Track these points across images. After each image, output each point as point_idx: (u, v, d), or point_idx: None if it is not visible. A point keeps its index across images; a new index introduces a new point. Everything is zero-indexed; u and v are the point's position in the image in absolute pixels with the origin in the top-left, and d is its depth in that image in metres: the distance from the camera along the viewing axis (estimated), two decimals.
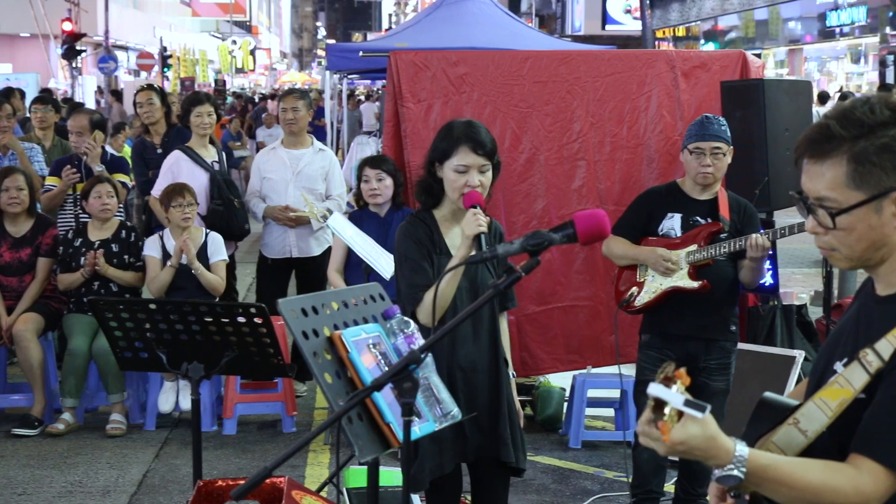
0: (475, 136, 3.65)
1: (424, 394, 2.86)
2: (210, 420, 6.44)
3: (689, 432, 1.87)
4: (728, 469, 1.91)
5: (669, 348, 4.74)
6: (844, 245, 2.07)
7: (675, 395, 1.84)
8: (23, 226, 6.62)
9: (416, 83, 6.40)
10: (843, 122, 2.03)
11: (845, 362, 2.05)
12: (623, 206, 5.97)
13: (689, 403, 1.84)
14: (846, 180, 2.02)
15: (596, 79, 6.51)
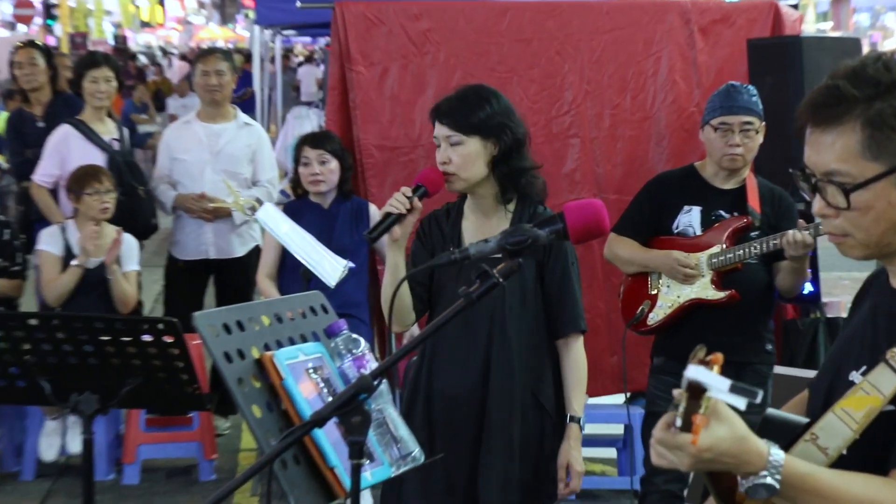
0: (441, 102, 3.81)
1: (378, 430, 2.86)
2: (106, 466, 6.41)
3: (717, 434, 1.90)
4: (761, 477, 1.95)
5: None
6: (860, 228, 2.11)
7: (719, 379, 1.84)
8: None
9: (367, 41, 6.40)
10: (855, 82, 2.08)
11: (864, 370, 2.10)
12: (625, 194, 6.02)
13: (737, 389, 1.84)
14: (861, 149, 2.07)
15: (592, 36, 6.55)
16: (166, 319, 3.67)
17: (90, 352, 3.68)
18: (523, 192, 3.87)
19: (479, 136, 3.79)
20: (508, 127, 3.80)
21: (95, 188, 6.39)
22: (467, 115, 3.79)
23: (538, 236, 2.57)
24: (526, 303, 3.87)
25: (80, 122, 7.04)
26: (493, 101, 3.84)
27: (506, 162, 3.82)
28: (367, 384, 2.52)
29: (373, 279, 6.42)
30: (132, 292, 6.44)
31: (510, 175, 3.83)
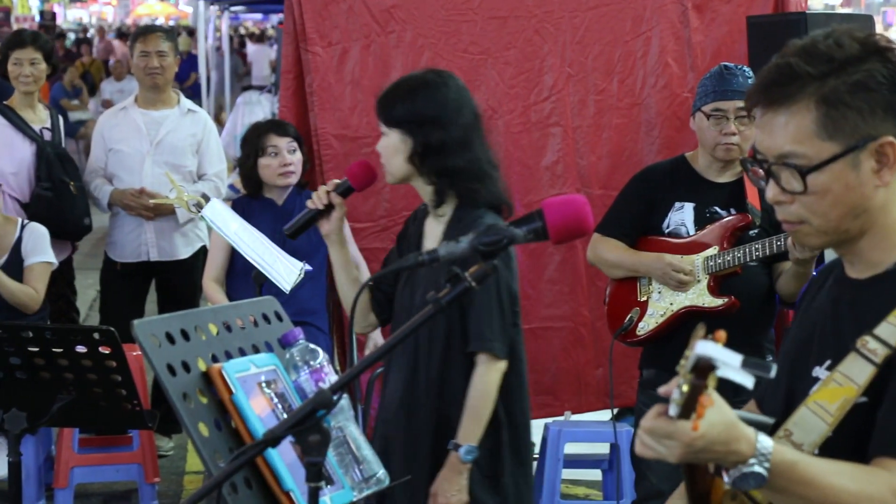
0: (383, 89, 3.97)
1: (338, 450, 2.88)
2: (35, 492, 6.38)
3: (710, 419, 1.97)
4: (749, 465, 2.02)
5: None
6: (817, 213, 2.21)
7: (730, 354, 1.90)
8: None
9: (325, 19, 6.42)
10: (808, 59, 2.18)
11: (829, 364, 2.19)
12: (612, 189, 6.05)
13: (750, 364, 1.91)
14: (816, 129, 2.17)
15: (575, 13, 6.57)
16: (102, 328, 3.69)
17: (17, 364, 3.69)
18: (460, 195, 3.89)
19: (399, 130, 3.85)
20: (436, 123, 3.83)
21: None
22: (390, 107, 3.88)
23: (514, 236, 2.59)
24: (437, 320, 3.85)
25: (7, 108, 7.00)
26: (422, 94, 3.88)
27: (432, 160, 3.85)
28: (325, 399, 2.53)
29: (331, 284, 6.42)
30: (25, 292, 6.25)
31: (439, 175, 3.86)
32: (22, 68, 6.98)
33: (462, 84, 4.00)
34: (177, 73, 7.56)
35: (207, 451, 2.78)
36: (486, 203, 3.90)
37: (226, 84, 16.92)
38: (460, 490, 3.86)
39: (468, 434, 3.86)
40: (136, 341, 2.80)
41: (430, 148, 3.83)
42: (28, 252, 6.37)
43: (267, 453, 2.74)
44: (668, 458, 1.98)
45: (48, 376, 3.69)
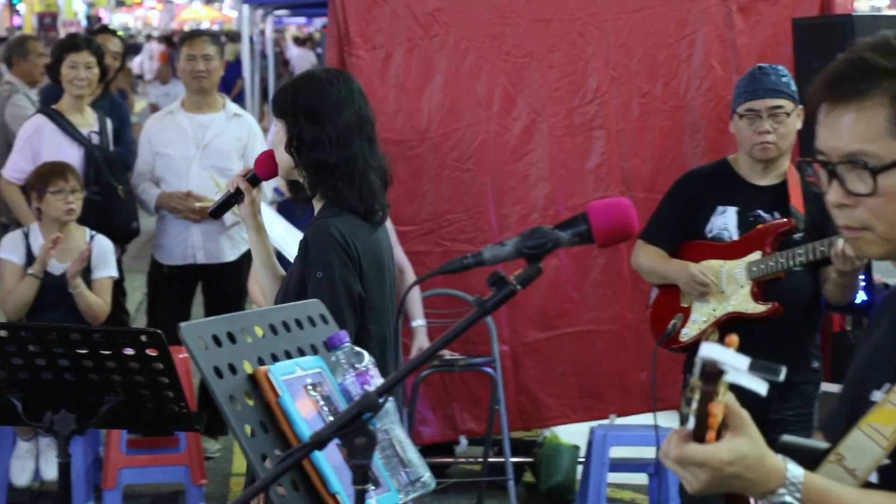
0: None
1: (384, 453, 2.88)
2: (84, 493, 6.43)
3: (742, 448, 1.90)
4: (779, 496, 1.95)
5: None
6: (883, 219, 2.07)
7: (737, 357, 1.80)
8: None
9: (369, 23, 6.44)
10: (884, 53, 2.05)
11: (888, 388, 2.08)
12: (656, 192, 6.04)
13: (758, 367, 1.82)
14: (889, 126, 2.04)
15: (619, 16, 6.56)
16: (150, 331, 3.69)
17: (66, 366, 3.70)
18: (326, 193, 3.84)
19: (282, 121, 3.87)
20: (310, 117, 3.82)
21: (60, 186, 6.32)
22: (276, 98, 3.94)
23: (559, 239, 2.58)
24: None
25: (56, 113, 7.04)
26: (303, 87, 3.88)
27: (305, 154, 3.82)
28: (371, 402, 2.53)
29: None
30: (101, 304, 6.39)
31: (309, 169, 3.83)
32: (77, 72, 7.00)
33: (356, 87, 3.95)
34: (223, 79, 7.59)
35: (254, 453, 2.79)
36: (351, 206, 3.84)
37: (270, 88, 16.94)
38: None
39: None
40: (183, 344, 2.81)
41: (302, 141, 3.82)
42: (96, 265, 6.46)
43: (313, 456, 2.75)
44: (693, 484, 1.89)
45: (96, 378, 3.71)
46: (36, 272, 6.27)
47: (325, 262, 3.77)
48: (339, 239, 3.78)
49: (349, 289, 3.79)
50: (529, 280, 2.54)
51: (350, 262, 3.80)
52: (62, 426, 3.70)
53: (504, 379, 6.38)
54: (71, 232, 6.44)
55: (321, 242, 3.78)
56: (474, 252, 2.56)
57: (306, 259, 3.79)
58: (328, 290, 3.71)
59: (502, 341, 6.49)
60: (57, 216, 6.34)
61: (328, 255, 3.78)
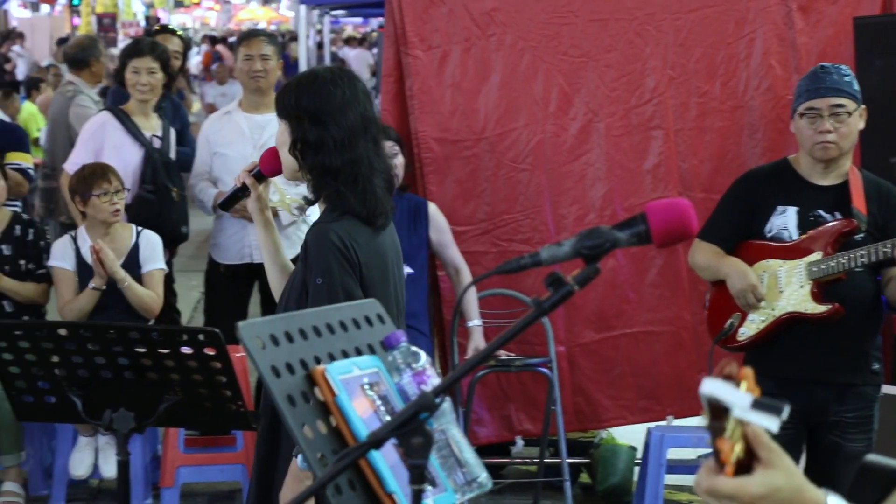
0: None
1: (441, 453, 2.89)
2: (143, 490, 6.48)
3: (775, 483, 1.83)
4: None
5: (786, 395, 4.72)
6: None
7: (739, 395, 1.76)
8: None
9: (426, 22, 6.45)
10: None
11: None
12: (714, 192, 6.00)
13: (760, 405, 1.76)
14: None
15: (677, 15, 6.54)
16: (207, 330, 3.72)
17: (125, 365, 3.74)
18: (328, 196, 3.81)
19: (286, 122, 3.81)
20: (314, 118, 3.77)
21: (104, 188, 6.35)
22: (280, 97, 3.86)
23: (617, 239, 2.57)
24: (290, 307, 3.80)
25: (122, 112, 7.10)
26: (307, 88, 3.82)
27: (310, 156, 3.77)
28: (428, 402, 2.54)
29: (433, 287, 6.45)
30: (152, 296, 6.44)
31: (314, 171, 3.78)
32: (139, 77, 7.05)
33: (361, 87, 3.89)
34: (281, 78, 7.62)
35: (311, 452, 2.80)
36: (353, 210, 3.79)
37: None
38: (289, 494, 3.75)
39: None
40: (241, 343, 2.83)
41: (307, 143, 3.77)
42: (145, 259, 6.51)
43: (370, 455, 2.75)
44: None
45: (155, 377, 3.74)
46: (97, 285, 6.32)
47: (324, 268, 3.71)
48: (339, 244, 3.72)
49: (349, 294, 3.71)
50: (587, 280, 2.53)
51: (350, 267, 3.74)
52: (121, 424, 3.74)
53: (560, 379, 6.37)
54: (118, 231, 6.48)
55: (320, 248, 3.73)
56: (531, 252, 2.55)
57: (307, 264, 3.75)
58: (327, 296, 3.67)
59: (559, 342, 6.48)
60: (104, 218, 6.38)
61: (327, 261, 3.73)
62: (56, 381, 3.82)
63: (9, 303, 6.54)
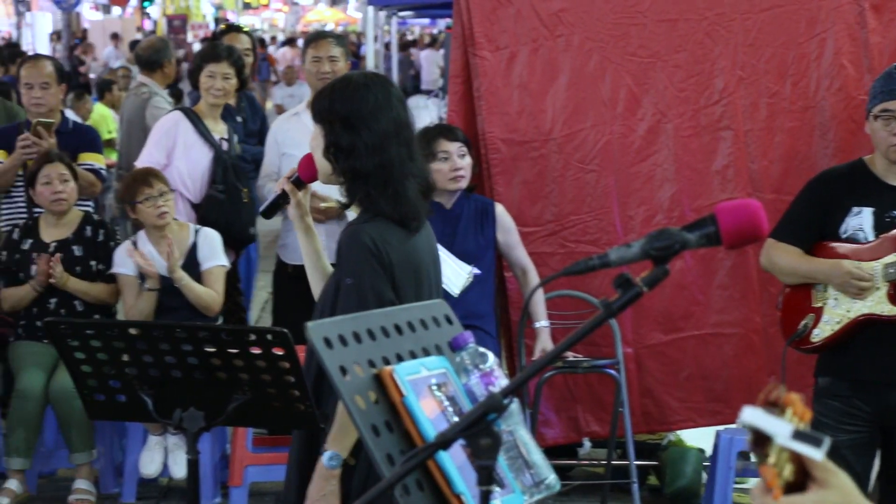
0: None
1: (508, 454, 2.89)
2: (212, 489, 6.53)
3: (826, 501, 1.80)
4: None
5: (861, 398, 4.70)
6: None
7: (780, 424, 1.75)
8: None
9: (493, 23, 6.45)
10: None
11: None
12: (784, 194, 5.96)
13: (802, 436, 1.74)
14: None
15: (747, 15, 6.50)
16: (276, 330, 3.73)
17: (195, 364, 3.76)
18: (361, 200, 3.82)
19: (320, 126, 3.82)
20: (346, 123, 3.78)
21: (147, 194, 6.42)
22: (314, 102, 3.88)
23: (687, 241, 2.56)
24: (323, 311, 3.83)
25: (193, 113, 7.17)
26: (340, 92, 3.83)
27: (342, 160, 3.79)
28: (496, 403, 2.54)
29: (500, 288, 6.45)
30: (210, 293, 6.48)
31: (347, 175, 3.80)
32: (214, 81, 7.09)
33: (394, 92, 3.90)
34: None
35: (379, 452, 2.81)
36: (384, 213, 3.79)
37: None
38: (326, 496, 3.73)
39: (332, 439, 3.66)
40: (309, 343, 2.84)
41: (339, 148, 3.78)
42: (204, 257, 6.55)
43: (438, 456, 2.76)
44: None
45: (224, 376, 3.76)
46: (151, 286, 6.39)
47: (355, 269, 3.72)
48: (371, 245, 3.72)
49: (379, 296, 3.72)
50: (656, 282, 2.52)
51: (381, 268, 3.74)
52: (191, 423, 3.77)
53: (628, 381, 6.35)
54: (174, 232, 6.53)
55: (352, 249, 3.75)
56: (599, 253, 2.55)
57: (338, 265, 3.79)
58: (356, 297, 3.69)
59: (626, 343, 6.46)
60: (152, 223, 6.45)
61: (358, 262, 3.73)
62: (127, 380, 3.85)
63: (80, 302, 6.61)
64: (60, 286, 6.51)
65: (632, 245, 2.57)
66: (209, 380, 3.77)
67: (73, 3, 29.59)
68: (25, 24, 29.39)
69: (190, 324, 3.88)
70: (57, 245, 6.65)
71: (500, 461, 2.79)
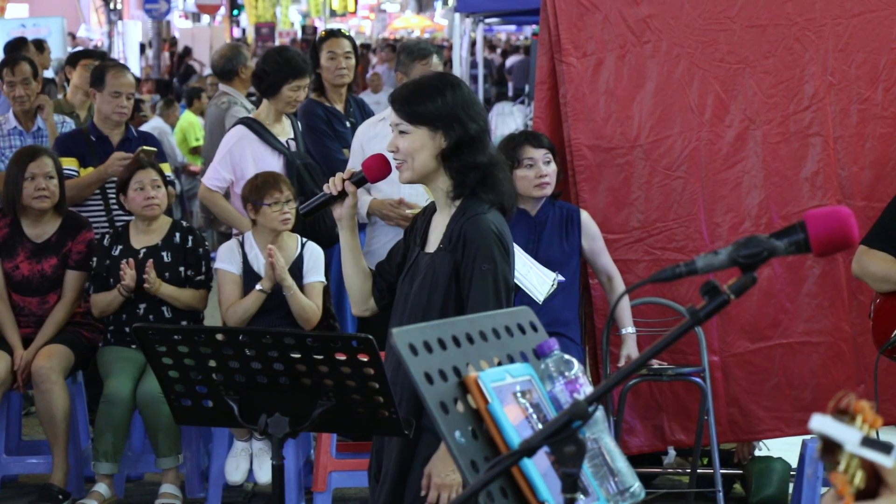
0: (398, 88, 4.18)
1: (593, 462, 2.88)
2: (296, 494, 6.55)
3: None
4: None
5: None
6: None
7: (848, 431, 1.77)
8: (47, 227, 6.82)
9: (580, 30, 6.44)
10: None
11: None
12: (875, 201, 5.90)
13: (870, 443, 1.77)
14: None
15: (838, 20, 6.44)
16: (361, 336, 3.73)
17: (280, 370, 3.78)
18: (472, 189, 3.97)
19: (427, 128, 3.96)
20: (459, 120, 3.94)
21: (276, 198, 6.47)
22: (415, 105, 3.98)
23: (775, 248, 2.54)
24: (430, 305, 3.97)
25: (255, 122, 7.20)
26: (447, 93, 3.99)
27: (457, 157, 3.95)
28: (581, 411, 2.53)
29: (584, 295, 6.43)
30: (313, 307, 6.52)
31: (460, 170, 3.95)
32: (296, 94, 7.17)
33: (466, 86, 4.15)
34: None
35: (463, 459, 2.81)
36: (490, 200, 3.99)
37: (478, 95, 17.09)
38: (454, 470, 3.81)
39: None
40: (395, 349, 2.84)
41: (459, 143, 3.94)
42: (308, 270, 6.60)
43: (522, 463, 2.75)
44: None
45: (309, 382, 3.77)
46: (265, 288, 6.43)
47: (489, 256, 3.90)
48: (497, 233, 3.93)
49: (507, 281, 3.95)
50: (743, 290, 2.51)
51: (507, 254, 3.97)
52: (276, 429, 3.78)
53: (714, 390, 6.30)
54: (284, 240, 6.58)
55: (483, 237, 3.91)
56: (686, 261, 2.53)
57: (464, 252, 3.91)
58: (492, 282, 3.88)
59: (712, 351, 6.42)
60: (274, 227, 6.49)
61: (491, 249, 3.92)
62: (213, 386, 3.88)
63: (167, 308, 6.67)
64: (153, 292, 6.58)
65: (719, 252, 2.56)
66: (294, 386, 3.79)
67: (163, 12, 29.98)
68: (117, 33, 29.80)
69: (276, 330, 3.91)
70: (146, 251, 6.71)
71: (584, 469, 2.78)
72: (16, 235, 6.79)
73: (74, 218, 6.96)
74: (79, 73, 8.81)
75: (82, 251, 6.81)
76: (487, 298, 3.92)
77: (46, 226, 6.83)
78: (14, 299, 6.79)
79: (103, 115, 7.46)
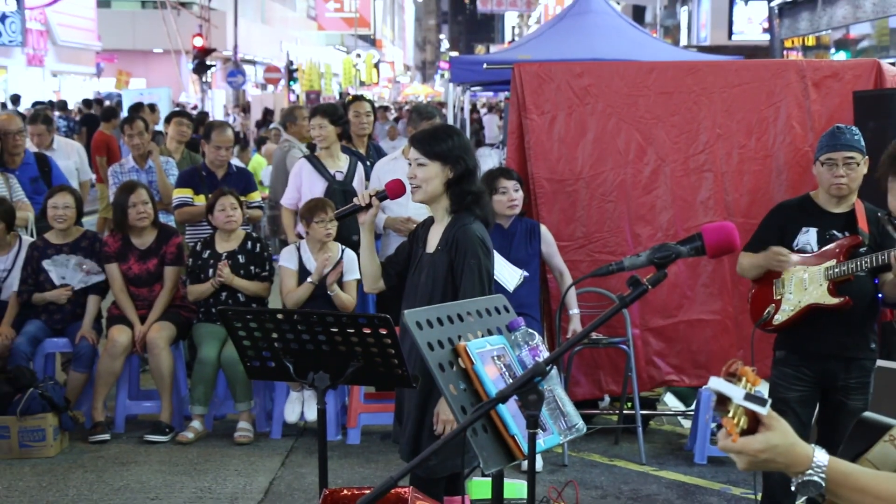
0: (418, 132, 4.16)
1: (549, 406, 2.86)
2: (335, 429, 6.53)
3: (772, 441, 1.83)
4: (808, 475, 1.86)
5: (807, 366, 4.62)
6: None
7: (735, 389, 1.81)
8: (147, 237, 6.83)
9: (539, 95, 6.42)
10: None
11: None
12: (751, 218, 5.88)
13: (751, 398, 1.80)
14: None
15: (723, 89, 6.43)
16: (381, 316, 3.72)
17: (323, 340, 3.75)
18: (467, 208, 4.00)
19: (440, 162, 3.96)
20: (462, 158, 3.97)
21: (321, 217, 6.46)
22: (433, 145, 3.98)
23: (681, 252, 2.53)
24: (434, 291, 3.98)
25: (314, 157, 7.22)
26: (454, 138, 4.02)
27: (458, 184, 3.98)
28: (541, 369, 2.52)
29: (543, 286, 6.41)
30: (350, 300, 6.50)
31: (460, 195, 3.98)
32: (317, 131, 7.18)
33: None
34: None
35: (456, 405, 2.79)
36: (478, 214, 4.02)
37: None
38: (447, 409, 3.83)
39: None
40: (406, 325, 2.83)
41: (461, 175, 3.97)
42: (346, 271, 6.57)
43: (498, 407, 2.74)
44: (739, 465, 1.85)
45: (344, 349, 3.75)
46: (314, 280, 6.42)
47: (475, 253, 3.92)
48: (480, 238, 3.95)
49: (489, 273, 3.97)
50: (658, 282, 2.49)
51: (488, 253, 3.98)
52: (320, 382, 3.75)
53: (635, 353, 6.28)
54: (329, 247, 6.57)
55: (471, 240, 3.94)
56: (616, 261, 2.52)
57: (457, 251, 3.94)
58: (478, 273, 3.91)
59: (635, 326, 6.40)
60: (320, 238, 6.49)
61: (475, 248, 3.93)
62: (275, 351, 3.86)
63: (242, 295, 6.66)
64: (228, 283, 6.58)
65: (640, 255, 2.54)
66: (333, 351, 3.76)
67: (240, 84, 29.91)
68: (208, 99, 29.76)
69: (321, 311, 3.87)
70: (227, 255, 6.70)
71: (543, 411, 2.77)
72: (126, 246, 6.80)
73: (166, 228, 6.97)
74: (172, 127, 8.79)
75: (174, 252, 6.81)
76: (474, 286, 3.92)
77: (147, 236, 6.82)
78: (131, 290, 6.79)
79: (209, 160, 7.52)
